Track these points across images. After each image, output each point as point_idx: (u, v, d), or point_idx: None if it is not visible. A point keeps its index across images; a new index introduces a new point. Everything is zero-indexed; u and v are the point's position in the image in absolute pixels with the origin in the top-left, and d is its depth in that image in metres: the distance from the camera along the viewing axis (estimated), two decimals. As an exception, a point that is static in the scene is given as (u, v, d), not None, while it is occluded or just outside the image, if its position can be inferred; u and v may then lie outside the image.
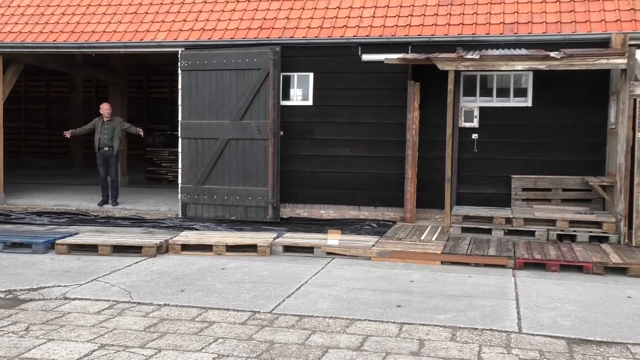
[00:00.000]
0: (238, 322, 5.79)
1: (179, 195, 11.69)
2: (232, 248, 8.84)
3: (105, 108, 12.42)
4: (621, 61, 9.06)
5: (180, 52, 11.61)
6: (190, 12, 12.22)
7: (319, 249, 8.72)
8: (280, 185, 11.30)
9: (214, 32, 11.69)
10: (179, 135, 11.75)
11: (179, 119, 11.73)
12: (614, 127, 9.82)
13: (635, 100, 8.96)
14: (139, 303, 6.37)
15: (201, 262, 8.30)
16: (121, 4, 12.74)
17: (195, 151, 11.58)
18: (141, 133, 12.47)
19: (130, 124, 12.88)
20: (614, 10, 10.44)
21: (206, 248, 8.86)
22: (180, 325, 5.69)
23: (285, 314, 6.03)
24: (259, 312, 6.10)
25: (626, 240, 9.04)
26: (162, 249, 8.82)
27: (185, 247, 8.89)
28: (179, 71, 11.63)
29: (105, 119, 12.31)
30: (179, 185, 11.70)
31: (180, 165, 11.76)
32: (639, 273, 7.66)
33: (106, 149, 12.28)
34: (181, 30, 11.87)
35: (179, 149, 11.77)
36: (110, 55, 14.64)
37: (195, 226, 10.61)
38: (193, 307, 6.25)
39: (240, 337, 5.38)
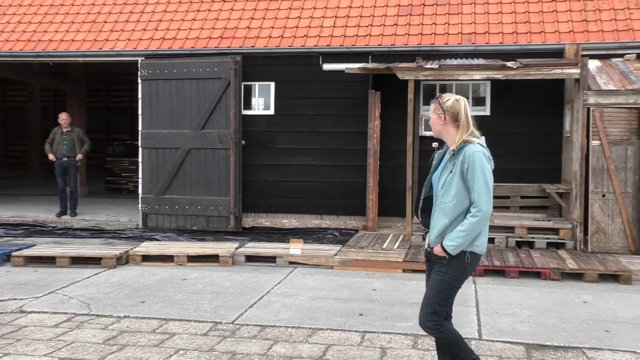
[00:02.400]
0: (199, 333, 5.74)
1: (140, 206, 11.54)
2: (193, 258, 8.77)
3: (63, 118, 12.19)
4: (574, 71, 9.29)
5: (140, 61, 11.50)
6: (150, 21, 12.12)
7: (282, 259, 8.70)
8: (243, 194, 11.26)
9: (175, 42, 11.62)
10: (140, 145, 11.62)
11: (139, 128, 11.60)
12: (569, 135, 10.06)
13: (588, 109, 9.19)
14: (98, 315, 6.26)
15: (162, 272, 8.20)
16: (79, 12, 12.57)
17: (156, 161, 11.46)
18: (80, 157, 12.13)
19: (88, 139, 12.50)
20: (567, 22, 10.71)
21: (167, 259, 8.76)
22: (141, 337, 5.61)
23: (247, 324, 6.00)
24: (220, 322, 6.05)
25: (582, 246, 9.25)
26: (122, 260, 8.70)
27: (146, 258, 8.78)
28: (139, 80, 11.52)
29: (64, 129, 12.09)
30: (140, 195, 11.56)
31: (140, 175, 11.63)
32: (594, 278, 7.84)
33: (65, 159, 12.05)
34: (141, 39, 11.76)
35: (140, 159, 11.63)
36: (69, 64, 14.43)
37: (156, 237, 10.49)
38: (154, 318, 6.17)
39: (202, 348, 5.33)
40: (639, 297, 7.16)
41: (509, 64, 9.50)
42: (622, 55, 10.23)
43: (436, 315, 4.13)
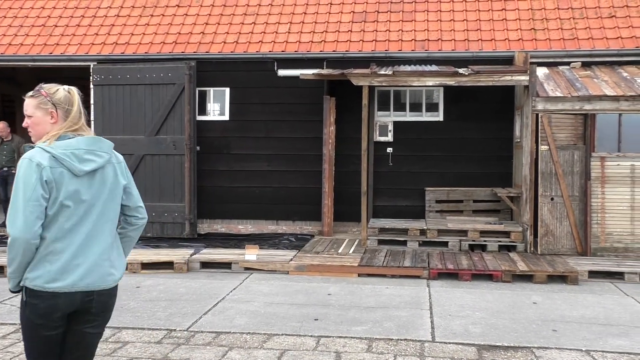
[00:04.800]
0: (153, 341, 5.67)
1: (92, 213, 11.32)
2: (147, 266, 8.65)
3: (1, 128, 11.79)
4: (524, 78, 9.53)
5: (92, 66, 11.32)
6: (102, 25, 11.95)
7: (237, 265, 8.67)
8: (198, 200, 11.18)
9: (128, 46, 11.48)
10: (92, 151, 11.39)
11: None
12: (519, 140, 10.31)
13: (537, 115, 9.43)
14: (48, 326, 6.11)
15: (115, 281, 8.06)
16: (28, 16, 12.31)
17: (108, 167, 11.25)
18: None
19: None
20: (517, 30, 10.99)
21: (120, 267, 8.62)
22: (92, 347, 5.51)
23: (202, 331, 5.95)
24: (175, 330, 6.00)
25: (532, 249, 9.47)
26: (74, 269, 8.51)
27: (99, 267, 8.61)
28: (92, 86, 11.33)
29: (4, 139, 11.75)
30: (92, 202, 11.34)
31: (93, 182, 11.41)
32: (543, 280, 8.04)
33: (5, 169, 11.73)
34: (93, 43, 11.59)
35: (92, 165, 11.41)
36: (18, 69, 14.07)
37: (109, 244, 10.30)
38: (106, 327, 6.05)
39: (155, 356, 5.27)
40: (585, 297, 7.38)
41: (460, 70, 9.68)
42: (568, 63, 10.54)
43: None
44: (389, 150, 11.15)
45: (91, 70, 11.30)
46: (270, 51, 11.15)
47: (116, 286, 3.17)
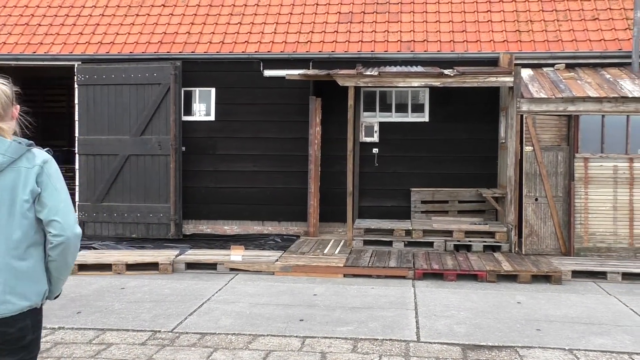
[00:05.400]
0: (138, 342, 5.65)
1: (77, 214, 11.24)
2: (132, 267, 8.61)
3: None
4: (508, 79, 9.59)
5: (76, 65, 11.25)
6: (87, 25, 11.88)
7: (223, 265, 8.65)
8: (183, 201, 11.13)
9: (112, 46, 11.41)
10: (76, 152, 11.35)
11: (76, 134, 11.33)
12: (504, 141, 10.37)
13: (522, 116, 9.50)
14: (31, 327, 6.07)
15: (100, 282, 8.03)
16: (11, 14, 12.21)
17: (93, 168, 11.22)
18: None
19: None
20: (502, 31, 11.06)
21: (105, 267, 8.59)
22: (76, 348, 5.48)
23: (187, 333, 5.94)
24: (159, 331, 5.97)
25: (517, 249, 9.53)
26: (58, 270, 8.45)
27: (83, 267, 8.57)
28: (76, 85, 11.26)
29: None
30: (77, 203, 11.28)
31: (77, 183, 11.36)
32: (527, 279, 8.10)
33: None
34: (77, 43, 11.51)
35: (77, 166, 11.36)
36: (1, 68, 13.95)
37: (93, 245, 10.24)
38: (90, 329, 6.03)
39: (140, 357, 5.24)
40: (568, 296, 7.44)
41: (446, 71, 9.73)
42: (552, 65, 10.63)
43: None
44: (375, 150, 11.17)
45: (75, 70, 11.22)
46: (256, 51, 11.13)
47: (22, 315, 2.67)
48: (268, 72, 11.16)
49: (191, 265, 8.77)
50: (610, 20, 11.06)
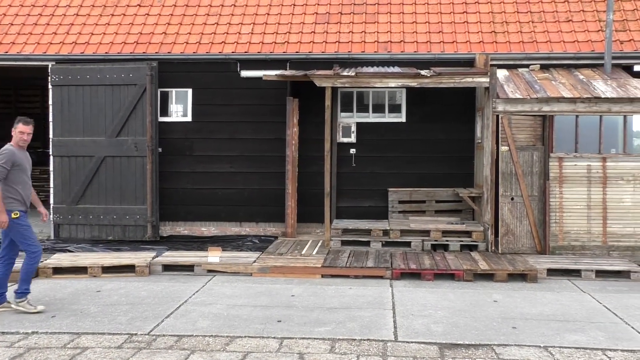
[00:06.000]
0: (113, 346, 5.59)
1: (51, 216, 11.11)
2: (108, 269, 8.53)
3: None
4: (484, 80, 9.67)
5: (50, 66, 11.10)
6: (61, 24, 11.73)
7: (200, 267, 8.59)
8: (160, 203, 11.05)
9: (87, 46, 11.29)
10: (51, 153, 11.20)
11: (51, 136, 11.19)
12: (480, 141, 10.45)
13: (498, 116, 9.58)
14: (3, 332, 5.98)
15: (75, 285, 7.93)
16: (-17, 14, 12.01)
17: (68, 169, 11.09)
18: None
19: None
20: (477, 32, 11.15)
21: (81, 270, 8.49)
22: (50, 353, 5.41)
23: (163, 335, 5.89)
24: (136, 334, 5.92)
25: (493, 248, 9.61)
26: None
27: (58, 271, 8.47)
28: (50, 86, 11.11)
29: None
30: (51, 205, 11.13)
31: (52, 185, 11.21)
32: (504, 278, 8.17)
33: None
34: (51, 43, 11.37)
35: (51, 168, 11.22)
36: (-27, 69, 13.71)
37: (69, 248, 10.12)
38: (65, 333, 5.96)
39: (116, 361, 5.20)
40: (543, 294, 7.52)
41: (423, 72, 9.78)
42: (527, 66, 10.74)
43: None
44: (352, 151, 11.19)
45: (49, 70, 11.08)
46: (233, 52, 11.09)
47: None
48: (245, 73, 11.12)
49: (168, 267, 8.71)
50: (583, 22, 11.21)
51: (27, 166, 6.80)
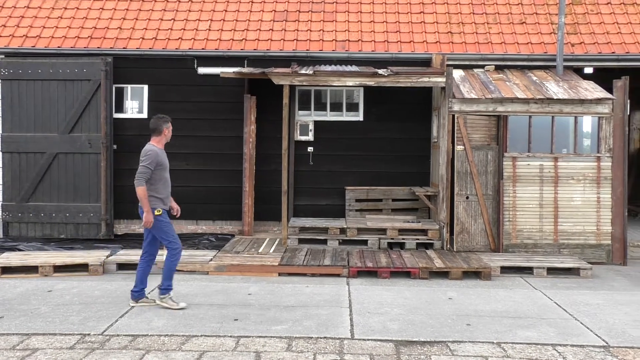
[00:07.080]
0: (65, 346, 5.47)
1: (0, 214, 10.81)
2: (60, 268, 8.34)
3: None
4: (441, 80, 9.80)
5: None
6: (10, 17, 11.42)
7: (156, 266, 8.43)
8: (115, 200, 10.86)
9: (39, 40, 11.02)
10: (0, 149, 10.88)
11: (0, 131, 10.88)
12: (436, 140, 10.58)
13: (453, 115, 9.71)
14: (-50, 333, 5.80)
15: (25, 285, 7.73)
16: None
17: (18, 166, 10.80)
18: None
19: None
20: (434, 33, 11.28)
21: (31, 270, 8.28)
22: (-1, 354, 5.26)
23: (118, 335, 5.79)
24: (89, 334, 5.80)
25: (448, 246, 9.75)
26: (-20, 273, 8.10)
27: (7, 270, 8.24)
28: (-1, 80, 10.81)
29: None
30: (0, 202, 10.83)
31: (1, 182, 10.90)
32: (459, 276, 8.29)
33: None
34: (0, 35, 11.04)
35: (0, 164, 10.90)
36: None
37: (19, 246, 9.86)
38: (13, 334, 5.80)
39: (68, 362, 5.08)
40: (497, 291, 7.66)
41: (380, 71, 9.84)
42: (482, 66, 10.92)
43: None
44: (310, 149, 11.20)
45: (-1, 64, 10.78)
46: (190, 48, 10.97)
47: None
48: (202, 70, 11.02)
49: (123, 266, 8.56)
50: (536, 24, 11.45)
51: (167, 164, 7.02)
